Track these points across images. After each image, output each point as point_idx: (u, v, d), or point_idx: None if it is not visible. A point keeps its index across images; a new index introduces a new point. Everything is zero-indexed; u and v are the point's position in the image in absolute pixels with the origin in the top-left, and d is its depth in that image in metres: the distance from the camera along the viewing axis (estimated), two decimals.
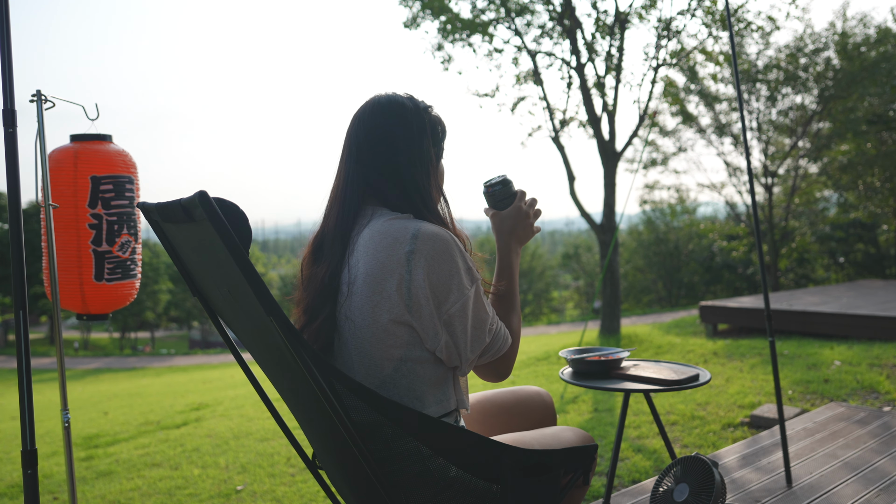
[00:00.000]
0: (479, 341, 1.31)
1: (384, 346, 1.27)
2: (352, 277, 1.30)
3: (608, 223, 9.29)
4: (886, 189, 15.59)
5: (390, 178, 1.36)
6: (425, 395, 1.30)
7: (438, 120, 1.44)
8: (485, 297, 1.34)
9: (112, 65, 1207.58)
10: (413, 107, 1.40)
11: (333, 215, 1.38)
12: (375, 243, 1.28)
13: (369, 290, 1.26)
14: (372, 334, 1.27)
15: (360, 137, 1.38)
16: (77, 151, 2.19)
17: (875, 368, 4.93)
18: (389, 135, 1.36)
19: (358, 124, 1.40)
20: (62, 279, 2.21)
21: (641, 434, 3.65)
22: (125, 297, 2.31)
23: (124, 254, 2.26)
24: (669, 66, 9.40)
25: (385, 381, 1.28)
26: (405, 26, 9.50)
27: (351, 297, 1.29)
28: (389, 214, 1.34)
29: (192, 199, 1.08)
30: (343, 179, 1.39)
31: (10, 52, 1.55)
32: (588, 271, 35.75)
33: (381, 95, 1.42)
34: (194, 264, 1.35)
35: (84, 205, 2.18)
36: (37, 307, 32.29)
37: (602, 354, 2.07)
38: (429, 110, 1.42)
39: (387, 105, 1.39)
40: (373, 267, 1.27)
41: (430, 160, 1.40)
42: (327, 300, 1.32)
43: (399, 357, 1.27)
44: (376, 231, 1.30)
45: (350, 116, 1.45)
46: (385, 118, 1.38)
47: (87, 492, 3.46)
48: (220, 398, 7.16)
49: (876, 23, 14.92)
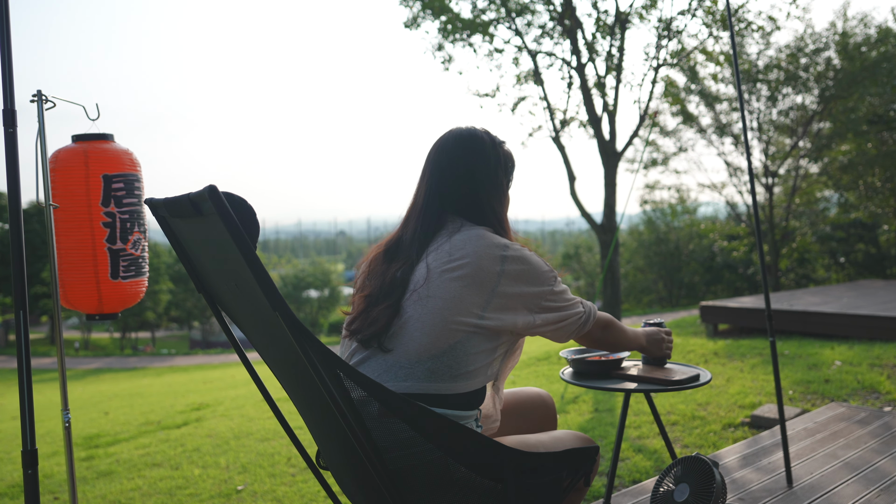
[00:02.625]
0: (572, 306, 1.52)
1: (446, 332, 1.36)
2: (430, 273, 1.43)
3: (609, 223, 9.29)
4: (887, 189, 15.58)
5: (471, 202, 1.54)
6: (470, 365, 1.38)
7: (510, 155, 1.63)
8: (562, 283, 1.53)
9: (112, 65, 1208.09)
10: (490, 142, 1.58)
11: (412, 223, 1.55)
12: (471, 242, 1.44)
13: (447, 286, 1.39)
14: (440, 321, 1.37)
15: (443, 164, 1.56)
16: (87, 151, 2.19)
17: (876, 368, 4.93)
18: (470, 166, 1.55)
19: (439, 152, 1.58)
20: (77, 279, 2.20)
21: (642, 434, 3.65)
22: (137, 295, 2.31)
23: (137, 251, 2.27)
24: (670, 66, 9.41)
25: (437, 355, 1.37)
26: (406, 26, 9.50)
27: (420, 290, 1.41)
28: (473, 225, 1.51)
29: (202, 192, 1.08)
30: (424, 195, 1.56)
31: (11, 53, 1.55)
32: (589, 271, 35.74)
33: (462, 129, 1.60)
34: (201, 260, 1.36)
35: (98, 203, 2.19)
36: (37, 307, 32.31)
37: (602, 354, 2.07)
38: (503, 145, 1.61)
39: (468, 138, 1.57)
40: (469, 257, 1.41)
41: (503, 189, 1.59)
42: (395, 290, 1.44)
43: (459, 339, 1.37)
44: (472, 234, 1.46)
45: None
46: (465, 151, 1.56)
47: (88, 492, 3.46)
48: (220, 398, 7.16)
49: (876, 23, 14.89)
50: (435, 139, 1.63)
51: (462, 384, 1.37)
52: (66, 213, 2.18)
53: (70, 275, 2.20)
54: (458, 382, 1.36)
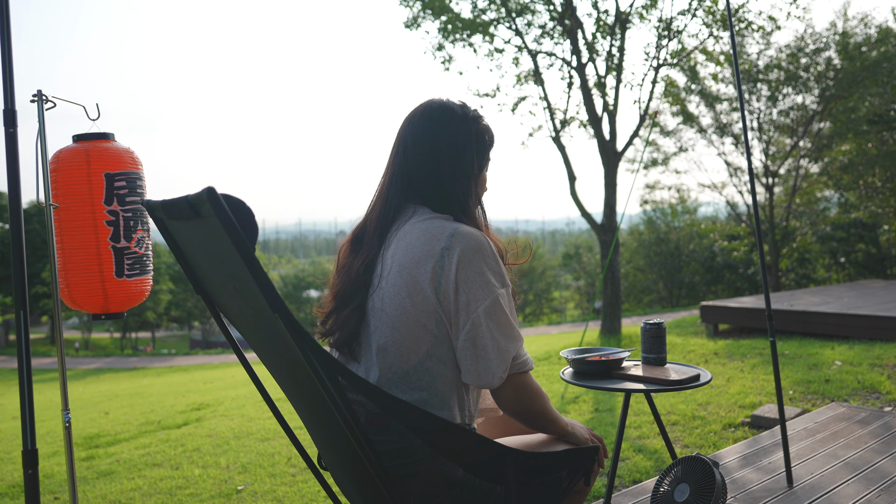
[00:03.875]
0: (509, 339, 1.30)
1: (411, 339, 1.30)
2: (385, 270, 1.34)
3: (609, 223, 9.28)
4: (887, 189, 15.57)
5: (431, 182, 1.39)
6: (443, 395, 1.31)
7: (487, 129, 1.45)
8: (514, 305, 1.36)
9: (112, 66, 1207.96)
10: (462, 115, 1.42)
11: (377, 210, 1.43)
12: (413, 238, 1.33)
13: (402, 280, 1.30)
14: (402, 324, 1.30)
15: (408, 139, 1.41)
16: (88, 150, 2.19)
17: (876, 369, 4.93)
18: (434, 142, 1.39)
19: (408, 126, 1.43)
20: (81, 279, 2.20)
21: (642, 434, 3.65)
22: (142, 294, 2.31)
23: (141, 249, 2.27)
24: (670, 66, 9.40)
25: (407, 373, 1.30)
26: (406, 26, 9.50)
27: (381, 289, 1.33)
28: (430, 213, 1.38)
29: (200, 194, 1.08)
30: (389, 177, 1.43)
31: (11, 52, 1.55)
32: (589, 271, 35.72)
33: (434, 100, 1.45)
34: (199, 262, 1.35)
35: (100, 202, 2.19)
36: (38, 307, 32.30)
37: (603, 354, 2.07)
38: (479, 120, 1.44)
39: (437, 111, 1.42)
40: (409, 260, 1.31)
41: (471, 170, 1.42)
42: (358, 290, 1.37)
43: (424, 352, 1.30)
44: (416, 227, 1.34)
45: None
46: (433, 124, 1.40)
47: (88, 492, 3.46)
48: (220, 398, 7.16)
49: (877, 23, 14.93)
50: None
51: (441, 409, 1.32)
52: (69, 212, 2.18)
53: (75, 275, 2.20)
54: (439, 403, 1.32)
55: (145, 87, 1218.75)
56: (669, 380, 1.85)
